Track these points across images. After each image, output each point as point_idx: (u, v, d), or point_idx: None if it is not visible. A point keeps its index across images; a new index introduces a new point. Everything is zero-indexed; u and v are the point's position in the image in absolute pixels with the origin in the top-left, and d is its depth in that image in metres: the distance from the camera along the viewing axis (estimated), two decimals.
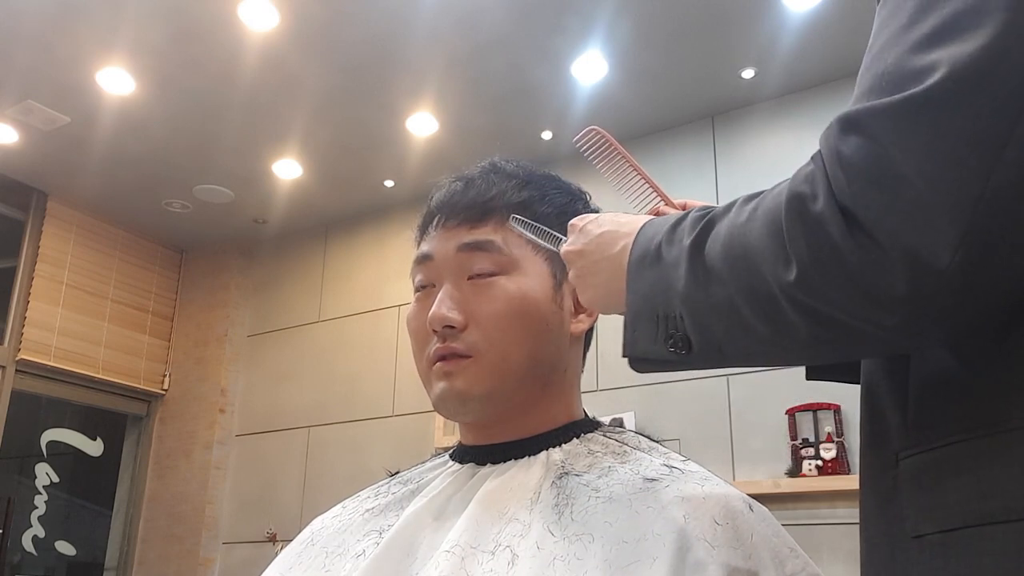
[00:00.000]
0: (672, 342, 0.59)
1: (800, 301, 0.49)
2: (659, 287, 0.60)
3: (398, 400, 4.20)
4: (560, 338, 0.80)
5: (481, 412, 0.78)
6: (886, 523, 0.54)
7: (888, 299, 0.46)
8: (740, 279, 0.53)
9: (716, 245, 0.55)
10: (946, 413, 0.51)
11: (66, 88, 3.56)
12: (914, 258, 0.44)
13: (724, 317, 0.55)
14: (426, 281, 0.82)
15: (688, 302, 0.57)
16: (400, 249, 4.37)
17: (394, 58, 3.34)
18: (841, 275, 0.47)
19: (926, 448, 0.52)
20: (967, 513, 0.48)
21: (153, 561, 4.59)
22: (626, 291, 0.63)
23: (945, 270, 0.44)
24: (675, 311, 0.58)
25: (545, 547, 0.66)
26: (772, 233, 0.51)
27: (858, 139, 0.47)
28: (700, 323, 0.57)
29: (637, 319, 0.62)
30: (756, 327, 0.53)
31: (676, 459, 0.76)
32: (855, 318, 0.48)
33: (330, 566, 0.77)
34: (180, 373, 4.91)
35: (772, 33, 3.15)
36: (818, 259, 0.48)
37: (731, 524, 0.67)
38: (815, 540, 2.90)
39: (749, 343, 0.55)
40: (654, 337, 0.60)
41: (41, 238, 4.41)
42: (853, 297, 0.47)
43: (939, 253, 0.44)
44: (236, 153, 4.05)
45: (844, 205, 0.47)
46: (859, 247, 0.46)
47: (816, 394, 3.13)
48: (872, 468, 0.57)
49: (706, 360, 0.59)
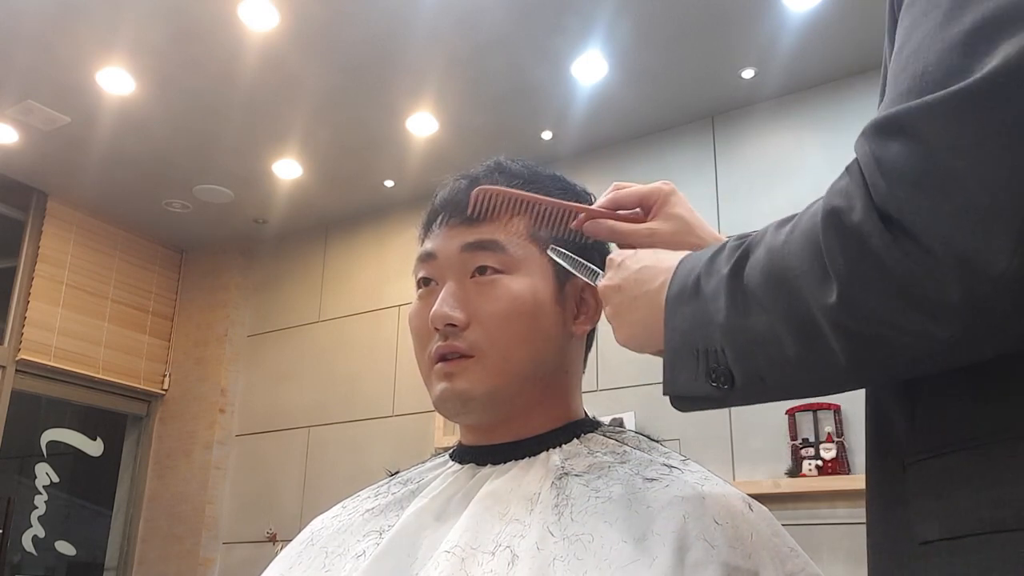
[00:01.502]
0: (714, 377, 0.56)
1: (842, 324, 0.47)
2: (698, 321, 0.57)
3: (398, 400, 4.20)
4: (562, 338, 0.80)
5: (482, 413, 0.78)
6: (893, 528, 0.53)
7: (941, 308, 0.43)
8: (779, 304, 0.50)
9: (755, 271, 0.53)
10: (955, 419, 0.50)
11: (66, 88, 3.56)
12: (967, 263, 0.42)
13: (766, 346, 0.52)
14: (429, 279, 0.82)
15: (729, 333, 0.55)
16: (400, 249, 4.38)
17: (394, 58, 3.34)
18: (886, 287, 0.45)
19: (935, 454, 0.51)
20: (977, 520, 0.47)
21: (153, 561, 4.60)
22: (664, 328, 0.61)
23: (1001, 276, 0.42)
24: (716, 345, 0.56)
25: (545, 547, 0.66)
26: (811, 254, 0.48)
27: (899, 141, 0.45)
28: (742, 354, 0.54)
29: (676, 356, 0.60)
30: (798, 354, 0.50)
31: (676, 459, 0.76)
32: (904, 332, 0.45)
33: (330, 566, 0.77)
34: (180, 373, 4.91)
35: (772, 33, 3.15)
36: (860, 274, 0.45)
37: (731, 524, 0.67)
38: (815, 540, 2.90)
39: (792, 371, 0.52)
40: (695, 374, 0.58)
41: (41, 238, 4.41)
42: (901, 309, 0.44)
43: (994, 258, 0.41)
44: (236, 153, 4.05)
45: (886, 212, 0.44)
46: (905, 255, 0.44)
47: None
48: (878, 473, 0.56)
49: (749, 394, 0.56)
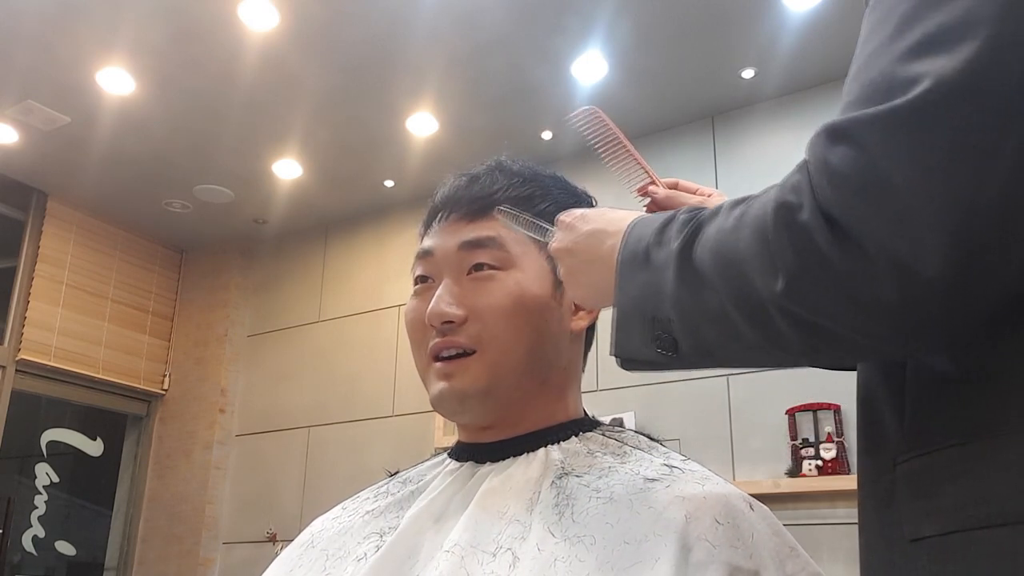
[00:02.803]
0: (659, 344, 0.59)
1: (790, 311, 0.49)
2: (649, 289, 0.60)
3: (398, 400, 4.20)
4: (559, 334, 0.80)
5: (479, 410, 0.78)
6: (884, 527, 0.54)
7: (877, 308, 0.46)
8: (730, 287, 0.53)
9: (705, 251, 0.55)
10: (942, 418, 0.51)
11: (66, 88, 3.56)
12: (902, 267, 0.45)
13: (716, 323, 0.55)
14: (425, 274, 0.82)
15: (678, 306, 0.57)
16: (400, 249, 4.38)
17: (394, 58, 3.34)
18: (829, 285, 0.47)
19: (923, 452, 0.52)
20: (963, 517, 0.48)
21: (153, 561, 4.59)
22: (616, 293, 0.63)
23: (933, 278, 0.44)
24: (664, 314, 0.58)
25: (546, 548, 0.66)
26: (759, 242, 0.51)
27: (844, 148, 0.47)
28: (690, 327, 0.57)
29: (625, 321, 0.62)
30: (748, 335, 0.53)
31: (676, 458, 0.76)
32: (845, 328, 0.48)
33: (331, 569, 0.76)
34: (180, 373, 4.91)
35: (772, 33, 3.15)
36: (806, 269, 0.48)
37: (732, 523, 0.67)
38: (815, 540, 2.90)
39: (741, 349, 0.55)
40: (643, 339, 0.60)
41: (41, 238, 4.41)
42: (842, 306, 0.47)
43: (926, 261, 0.44)
44: (236, 153, 4.05)
45: (830, 214, 0.47)
46: (846, 256, 0.46)
47: (816, 394, 3.13)
48: (870, 473, 0.57)
49: (694, 362, 0.59)
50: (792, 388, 3.17)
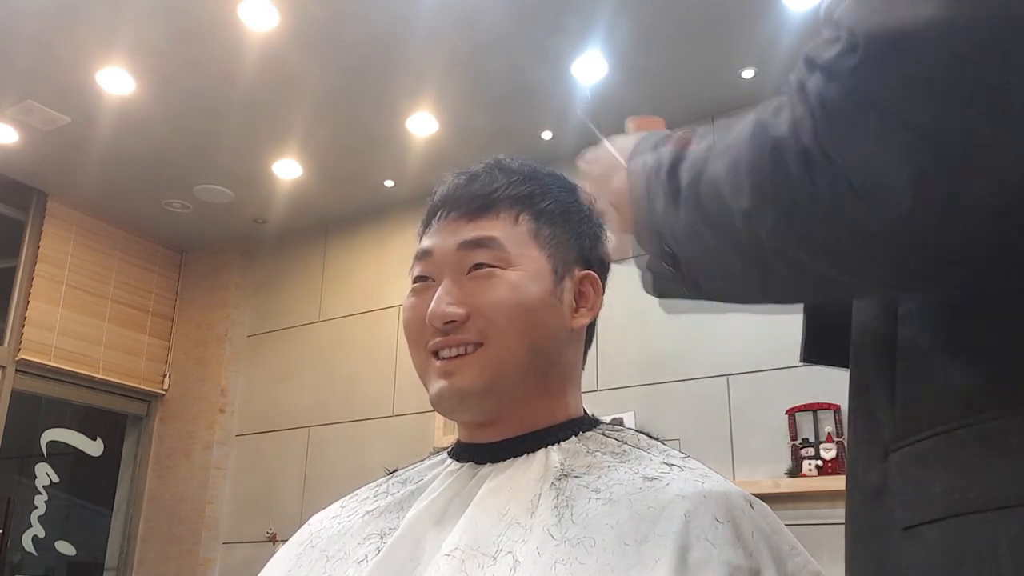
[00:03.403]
0: (663, 257, 0.61)
1: (756, 235, 0.50)
2: (654, 213, 0.62)
3: (398, 400, 4.20)
4: (559, 332, 0.80)
5: (479, 409, 0.78)
6: (876, 516, 0.54)
7: (861, 235, 0.46)
8: (707, 208, 0.54)
9: (687, 173, 0.58)
10: (931, 405, 0.52)
11: (66, 88, 3.56)
12: (875, 196, 0.45)
13: (693, 239, 0.57)
14: (425, 274, 0.82)
15: (668, 222, 0.60)
16: (400, 249, 4.37)
17: (394, 58, 3.34)
18: (800, 210, 0.48)
19: (913, 440, 0.52)
20: (951, 503, 0.48)
21: (153, 561, 4.59)
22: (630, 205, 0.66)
23: (905, 211, 0.44)
24: (668, 228, 0.61)
25: (546, 551, 0.66)
26: (736, 164, 0.52)
27: (824, 78, 0.48)
28: (678, 242, 0.59)
29: (640, 230, 0.65)
30: (719, 253, 0.55)
31: (676, 457, 0.76)
32: (810, 255, 0.49)
33: (331, 570, 0.76)
34: (180, 373, 4.91)
35: (772, 33, 3.15)
36: (776, 194, 0.49)
37: (732, 522, 0.66)
38: (815, 540, 2.90)
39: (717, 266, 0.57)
40: (653, 249, 0.63)
41: (41, 238, 4.41)
42: (809, 232, 0.48)
43: (900, 192, 0.44)
44: (236, 153, 4.05)
45: (807, 142, 0.47)
46: (817, 181, 0.47)
47: (816, 394, 3.13)
48: (861, 462, 0.57)
49: (688, 279, 0.61)
50: (792, 388, 3.17)
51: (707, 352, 3.42)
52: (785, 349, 3.26)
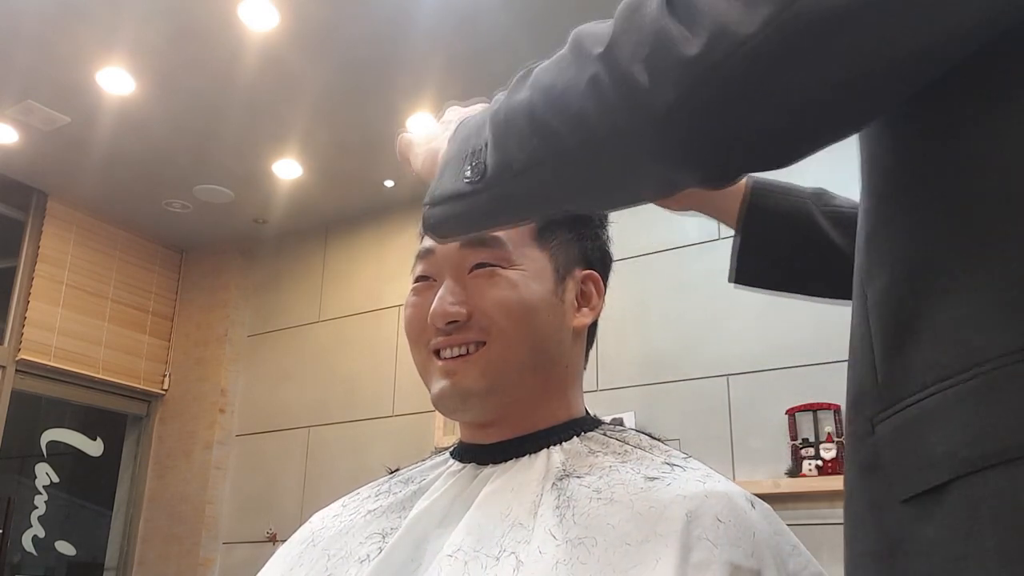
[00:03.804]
0: (470, 171, 0.59)
1: (594, 73, 0.50)
2: (474, 129, 0.61)
3: (398, 400, 4.20)
4: (561, 331, 0.80)
5: (481, 409, 0.78)
6: (872, 493, 0.52)
7: (676, 60, 0.46)
8: (546, 79, 0.55)
9: (553, 57, 0.57)
10: (916, 365, 0.49)
11: (66, 88, 3.56)
12: (720, 24, 0.44)
13: (519, 118, 0.56)
14: (426, 274, 0.82)
15: (494, 118, 0.58)
16: (400, 249, 4.38)
17: (394, 58, 3.34)
18: (646, 35, 0.47)
19: (902, 407, 0.49)
20: (957, 463, 0.45)
21: (153, 561, 4.59)
22: (444, 150, 0.65)
23: (746, 41, 0.44)
24: (483, 140, 0.59)
25: (547, 551, 0.66)
26: (604, 24, 0.52)
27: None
28: (498, 138, 0.58)
29: (447, 164, 0.63)
30: (544, 116, 0.54)
31: (677, 457, 0.76)
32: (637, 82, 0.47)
33: (333, 569, 0.76)
34: (180, 373, 4.91)
35: None
36: (631, 22, 0.49)
37: (733, 522, 0.66)
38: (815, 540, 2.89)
39: (535, 141, 0.55)
40: (457, 174, 0.61)
41: (41, 238, 4.41)
42: (646, 58, 0.47)
43: (747, 24, 0.44)
44: (236, 153, 4.05)
45: None
46: (672, 12, 0.47)
47: (816, 394, 3.13)
48: (852, 439, 0.55)
49: (495, 186, 0.58)
50: (792, 388, 3.17)
51: (707, 352, 3.42)
52: (785, 349, 3.27)
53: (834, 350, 3.11)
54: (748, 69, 0.44)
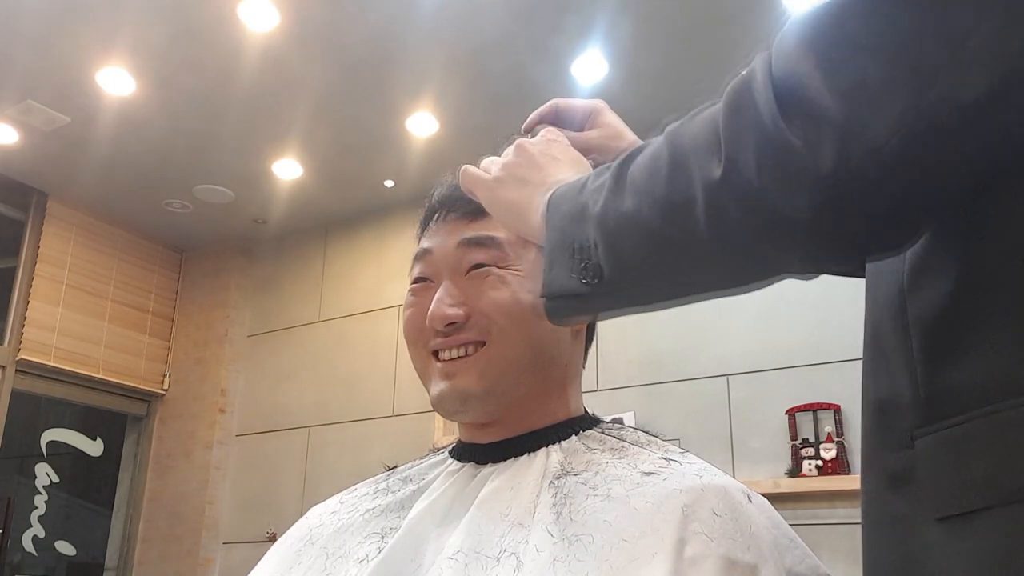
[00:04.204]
0: (584, 271, 0.56)
1: (718, 195, 0.48)
2: (576, 216, 0.58)
3: (398, 400, 4.20)
4: (559, 330, 0.80)
5: (480, 410, 0.78)
6: (901, 506, 0.51)
7: (813, 178, 0.44)
8: (656, 180, 0.52)
9: (644, 157, 0.54)
10: (967, 383, 0.48)
11: (66, 88, 3.56)
12: (850, 133, 0.43)
13: (634, 227, 0.53)
14: (424, 275, 0.82)
15: (602, 222, 0.55)
16: (400, 249, 4.37)
17: (394, 58, 3.34)
18: (766, 152, 0.46)
19: (946, 425, 0.48)
20: (996, 491, 0.45)
21: (153, 561, 4.59)
22: (544, 227, 0.62)
23: (880, 147, 0.43)
24: (589, 238, 0.56)
25: (544, 549, 0.66)
26: (706, 129, 0.50)
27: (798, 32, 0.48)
28: (611, 243, 0.55)
29: (553, 255, 0.60)
30: (663, 229, 0.52)
31: (674, 452, 0.76)
32: (772, 201, 0.46)
33: (331, 568, 0.76)
34: (180, 373, 4.91)
35: (772, 33, 3.15)
36: (744, 139, 0.47)
37: (730, 515, 0.66)
38: (815, 540, 2.90)
39: (656, 251, 0.53)
40: (569, 271, 0.58)
41: (41, 238, 4.41)
42: (775, 176, 0.46)
43: (877, 131, 0.43)
44: (236, 153, 4.05)
45: (780, 86, 0.47)
46: (789, 125, 0.45)
47: (816, 394, 3.13)
48: (880, 447, 0.54)
49: (617, 289, 0.56)
50: (792, 388, 3.17)
51: (707, 352, 3.42)
52: (785, 349, 3.27)
53: (834, 350, 3.11)
54: (883, 176, 0.44)
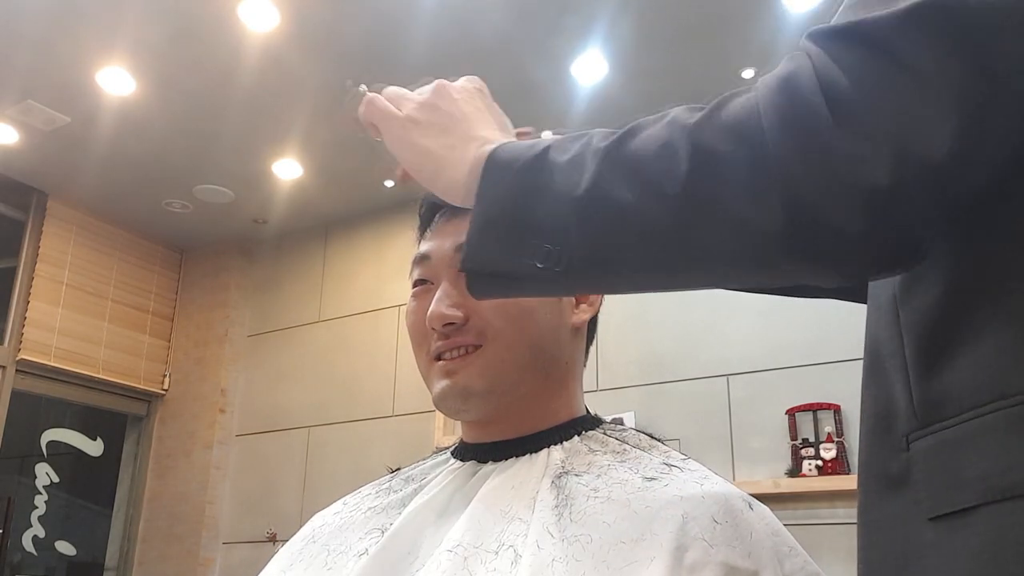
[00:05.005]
0: (543, 256, 0.53)
1: (758, 204, 0.47)
2: (532, 192, 0.54)
3: (398, 400, 4.20)
4: (560, 329, 0.80)
5: (482, 408, 0.78)
6: (896, 507, 0.52)
7: (863, 189, 0.44)
8: (674, 178, 0.50)
9: (650, 144, 0.52)
10: (956, 387, 0.49)
11: (66, 88, 3.56)
12: (906, 150, 0.44)
13: (632, 221, 0.51)
14: (424, 278, 0.83)
15: (590, 206, 0.52)
16: (400, 249, 4.37)
17: (394, 58, 3.34)
18: (818, 164, 0.45)
19: (938, 428, 0.50)
20: (986, 489, 0.46)
21: (153, 561, 4.60)
22: (476, 193, 0.57)
23: (936, 164, 0.43)
24: (557, 219, 0.53)
25: (544, 548, 0.66)
26: (740, 130, 0.48)
27: (855, 44, 0.46)
28: (595, 233, 0.52)
29: (490, 227, 0.56)
30: (673, 229, 0.50)
31: (676, 457, 0.76)
32: (819, 205, 0.46)
33: (332, 564, 0.76)
34: (180, 373, 4.91)
35: (772, 33, 3.15)
36: (796, 147, 0.46)
37: (730, 523, 0.66)
38: (815, 540, 2.90)
39: (658, 251, 0.51)
40: (512, 248, 0.55)
41: (41, 238, 4.41)
42: (825, 184, 0.45)
43: (935, 149, 0.43)
44: (236, 153, 4.05)
45: (833, 95, 0.46)
46: (845, 136, 0.45)
47: (816, 394, 3.13)
48: (878, 451, 0.55)
49: (580, 279, 0.54)
50: (792, 388, 3.17)
51: (707, 352, 3.42)
52: (785, 349, 3.27)
53: (834, 350, 3.11)
54: (940, 190, 0.45)
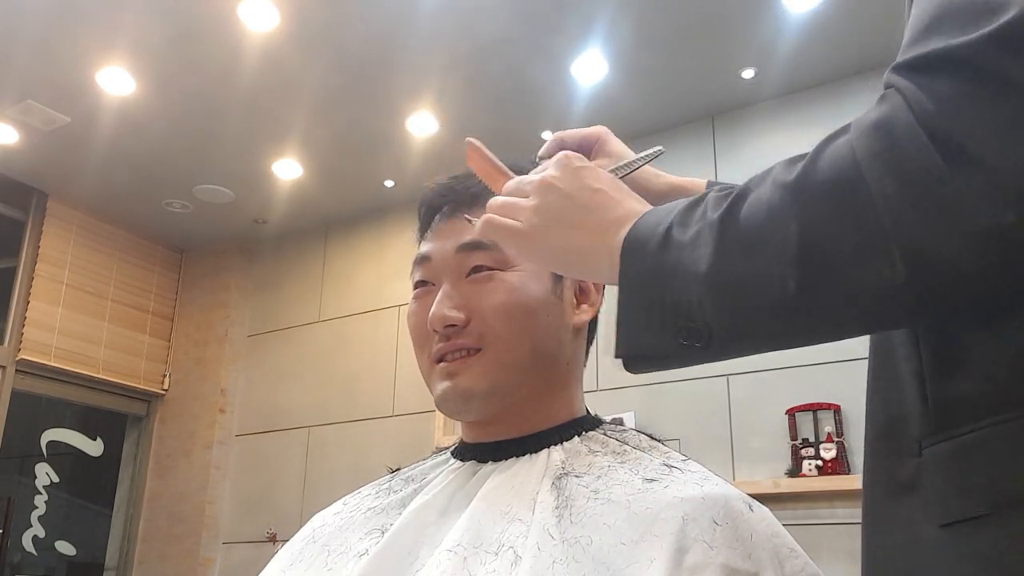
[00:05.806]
0: (686, 334, 0.53)
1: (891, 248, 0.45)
2: (667, 273, 0.54)
3: (398, 400, 4.20)
4: (561, 330, 0.80)
5: (483, 409, 0.78)
6: (905, 512, 0.52)
7: (990, 230, 0.43)
8: (788, 241, 0.48)
9: (757, 212, 0.50)
10: (971, 395, 0.49)
11: (66, 88, 3.56)
12: (1019, 188, 0.42)
13: (758, 290, 0.50)
14: (425, 279, 0.83)
15: (717, 281, 0.51)
16: (400, 249, 4.37)
17: (394, 58, 3.34)
18: (938, 209, 0.44)
19: (953, 434, 0.49)
20: (997, 495, 0.46)
21: (153, 561, 4.59)
22: (619, 279, 0.57)
23: None
24: (691, 297, 0.52)
25: (545, 549, 0.66)
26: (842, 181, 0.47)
27: (946, 74, 0.45)
28: (729, 306, 0.51)
29: (635, 311, 0.56)
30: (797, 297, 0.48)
31: (676, 459, 0.76)
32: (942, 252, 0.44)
33: (332, 564, 0.76)
34: (180, 373, 4.91)
35: (772, 33, 3.15)
36: (913, 196, 0.44)
37: (731, 524, 0.66)
38: (815, 540, 2.90)
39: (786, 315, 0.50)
40: (660, 331, 0.54)
41: (41, 238, 4.41)
42: (946, 228, 0.44)
43: None
44: (236, 153, 4.05)
45: (939, 135, 0.44)
46: (959, 175, 0.43)
47: (816, 394, 3.13)
48: (886, 455, 0.54)
49: (724, 350, 0.53)
50: (792, 388, 3.17)
51: None
52: None
53: (834, 350, 3.10)
54: None
